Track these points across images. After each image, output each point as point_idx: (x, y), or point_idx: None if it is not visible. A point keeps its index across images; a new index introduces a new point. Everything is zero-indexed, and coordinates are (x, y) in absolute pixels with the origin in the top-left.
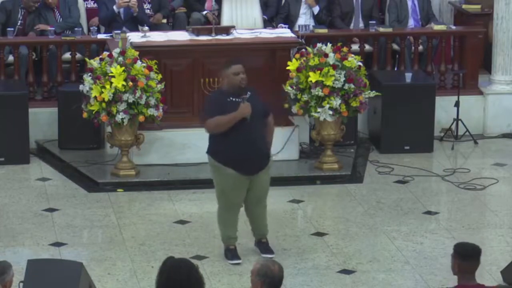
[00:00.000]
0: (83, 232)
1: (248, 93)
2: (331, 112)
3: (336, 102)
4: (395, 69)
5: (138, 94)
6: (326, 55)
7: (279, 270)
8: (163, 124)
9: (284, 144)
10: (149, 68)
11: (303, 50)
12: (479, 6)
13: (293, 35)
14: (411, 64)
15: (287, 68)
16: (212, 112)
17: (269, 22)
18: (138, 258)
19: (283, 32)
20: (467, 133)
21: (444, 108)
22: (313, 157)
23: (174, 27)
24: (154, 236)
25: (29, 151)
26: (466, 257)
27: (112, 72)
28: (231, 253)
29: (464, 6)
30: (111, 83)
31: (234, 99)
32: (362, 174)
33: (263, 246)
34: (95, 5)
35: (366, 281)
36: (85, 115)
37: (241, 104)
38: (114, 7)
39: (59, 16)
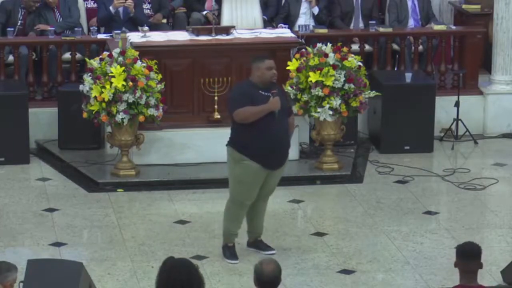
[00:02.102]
0: (83, 232)
1: (276, 89)
2: (331, 112)
3: (336, 102)
4: (395, 69)
5: (138, 94)
6: (326, 55)
7: (271, 270)
8: (163, 124)
9: None
10: (149, 68)
11: (303, 50)
12: (479, 6)
13: (293, 35)
14: (411, 64)
15: (287, 68)
16: (243, 102)
17: (269, 22)
18: (138, 258)
19: (283, 32)
20: (467, 133)
21: (444, 108)
22: (313, 157)
23: (174, 27)
24: (154, 236)
25: (29, 151)
26: (463, 256)
27: (112, 72)
28: (229, 251)
29: (464, 6)
30: (111, 83)
31: (264, 93)
32: (362, 174)
33: (263, 244)
34: (95, 5)
35: (366, 281)
36: (85, 115)
37: (271, 98)
38: (111, 8)
39: (59, 16)
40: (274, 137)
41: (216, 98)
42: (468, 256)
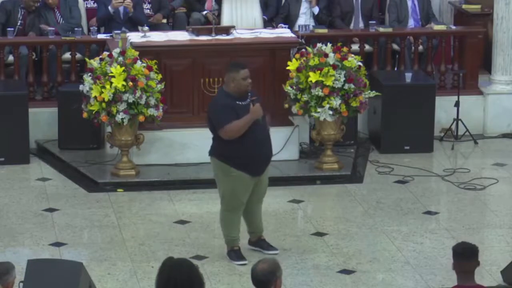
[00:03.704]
0: (83, 232)
1: (250, 94)
2: (331, 112)
3: (336, 102)
4: (395, 69)
5: (138, 94)
6: (326, 55)
7: (260, 270)
8: (163, 124)
9: (284, 144)
10: (149, 68)
11: (303, 50)
12: (479, 6)
13: (293, 35)
14: (411, 64)
15: (287, 68)
16: (228, 118)
17: (269, 22)
18: (138, 258)
19: (283, 32)
20: (467, 133)
21: (444, 108)
22: (313, 157)
23: (174, 27)
24: (154, 236)
25: (29, 151)
26: (459, 256)
27: (112, 72)
28: (236, 254)
29: (464, 6)
30: (111, 83)
31: (241, 103)
32: (362, 174)
33: (265, 243)
34: (95, 5)
35: (366, 281)
36: (85, 115)
37: (251, 106)
38: (109, 8)
39: (60, 16)
40: (260, 144)
41: None
42: (465, 257)
